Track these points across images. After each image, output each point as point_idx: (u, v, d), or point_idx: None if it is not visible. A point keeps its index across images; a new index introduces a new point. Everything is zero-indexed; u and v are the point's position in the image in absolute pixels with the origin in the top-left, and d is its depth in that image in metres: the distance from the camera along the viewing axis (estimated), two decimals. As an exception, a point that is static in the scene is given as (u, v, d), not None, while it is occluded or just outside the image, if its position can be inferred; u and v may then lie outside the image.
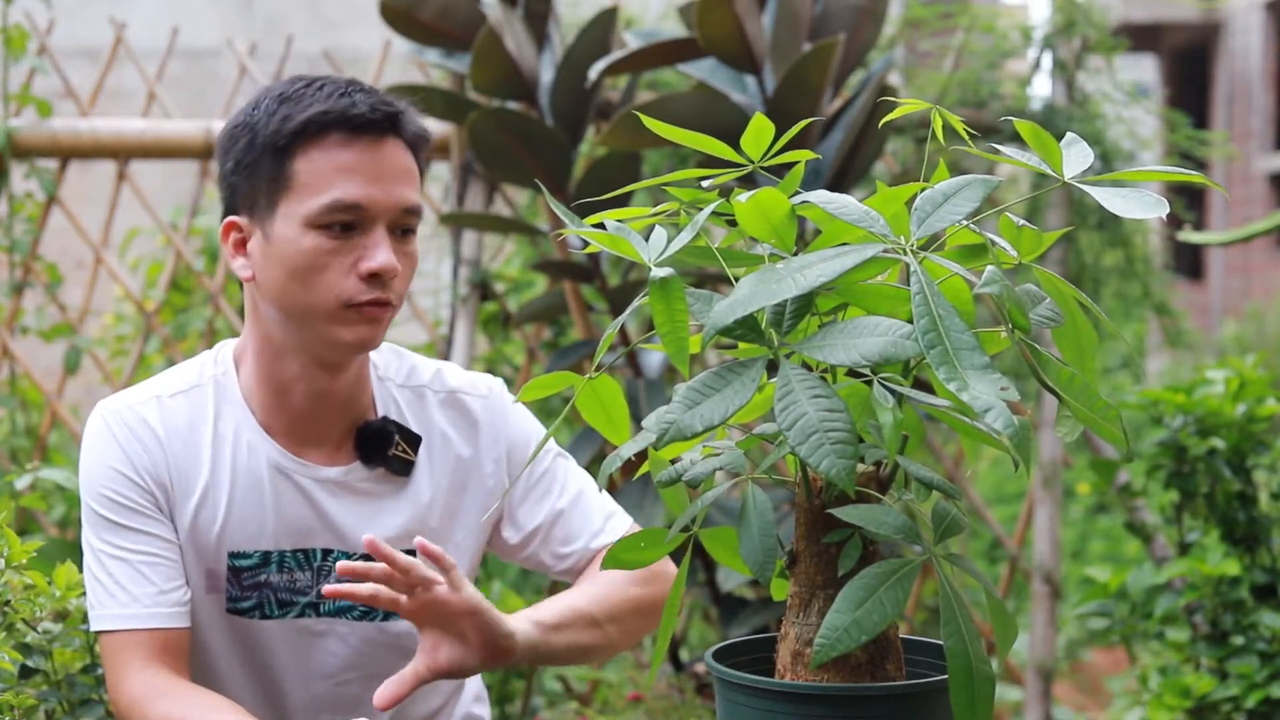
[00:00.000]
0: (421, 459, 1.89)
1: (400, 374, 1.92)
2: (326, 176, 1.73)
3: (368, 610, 1.87)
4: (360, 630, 1.87)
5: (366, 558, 1.85)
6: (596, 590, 1.88)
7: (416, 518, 1.88)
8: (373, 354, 1.91)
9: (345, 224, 1.73)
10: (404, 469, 1.87)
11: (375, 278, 1.74)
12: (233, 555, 1.83)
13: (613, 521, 1.96)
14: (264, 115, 1.76)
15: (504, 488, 1.93)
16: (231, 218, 1.80)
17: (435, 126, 3.41)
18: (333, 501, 1.85)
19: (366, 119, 1.74)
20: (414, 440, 1.87)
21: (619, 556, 1.43)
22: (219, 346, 1.91)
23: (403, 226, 1.77)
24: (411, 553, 1.87)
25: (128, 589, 1.77)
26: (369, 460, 1.86)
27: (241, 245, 1.80)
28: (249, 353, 1.85)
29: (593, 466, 3.20)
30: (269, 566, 1.84)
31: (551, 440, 1.97)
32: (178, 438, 1.83)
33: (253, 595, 1.84)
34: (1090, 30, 3.67)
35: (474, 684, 2.06)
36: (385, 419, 1.87)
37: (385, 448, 1.85)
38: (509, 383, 3.81)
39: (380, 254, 1.73)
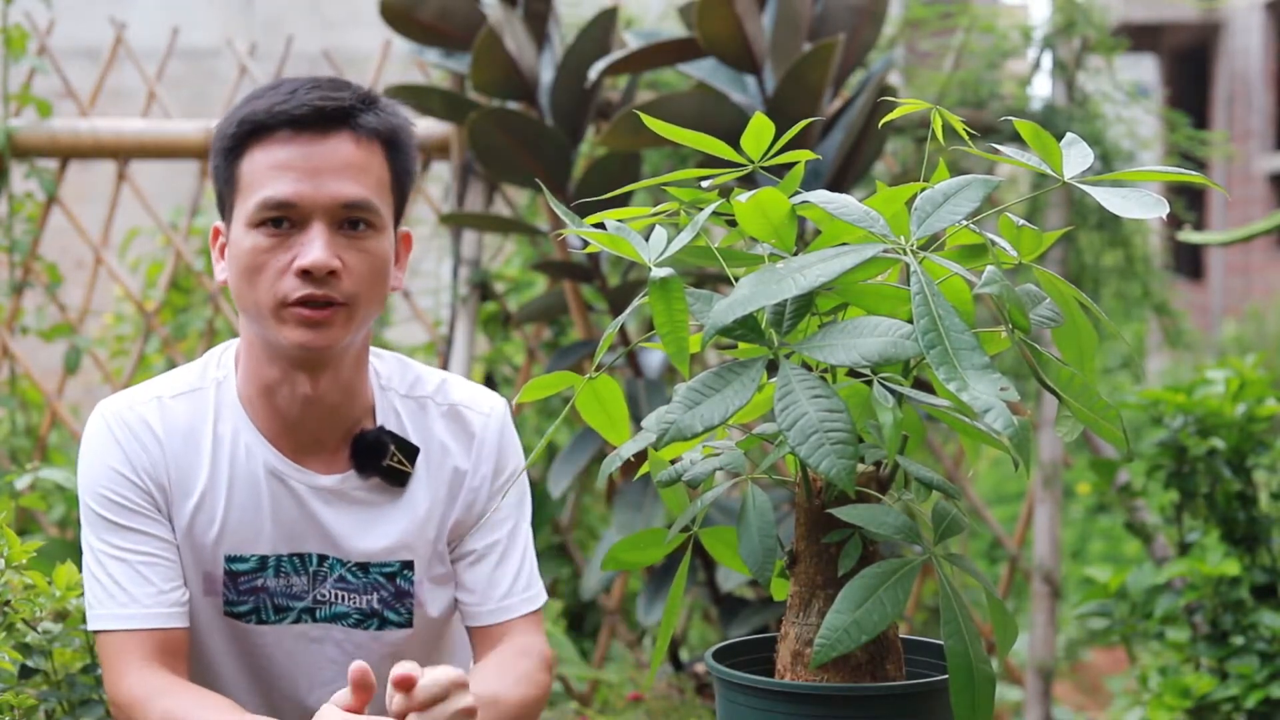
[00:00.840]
0: (420, 470, 1.87)
1: (404, 384, 1.90)
2: (262, 175, 1.73)
3: (362, 618, 1.86)
4: (355, 638, 1.87)
5: (361, 566, 1.85)
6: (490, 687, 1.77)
7: (413, 529, 1.87)
8: (377, 363, 1.90)
9: (278, 220, 1.72)
10: (400, 480, 1.86)
11: (309, 275, 1.72)
12: (229, 559, 1.82)
13: (531, 592, 1.91)
14: (224, 121, 1.78)
15: (479, 504, 1.90)
16: (216, 224, 1.83)
17: (435, 126, 3.41)
18: (327, 509, 1.84)
19: (292, 115, 1.72)
20: (411, 452, 1.86)
21: (619, 556, 1.43)
22: (223, 348, 1.90)
23: (350, 221, 1.74)
24: (408, 564, 1.86)
25: (127, 589, 1.77)
26: (363, 470, 1.85)
27: (223, 250, 1.81)
28: (241, 355, 1.85)
29: (593, 466, 3.20)
30: (266, 571, 1.83)
31: (526, 480, 1.97)
32: (178, 439, 1.82)
33: (249, 600, 1.83)
34: (1090, 30, 3.67)
35: (474, 684, 2.05)
36: (381, 429, 1.85)
37: (379, 458, 1.84)
38: (508, 383, 3.82)
39: (311, 250, 1.71)
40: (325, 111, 1.73)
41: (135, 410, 1.82)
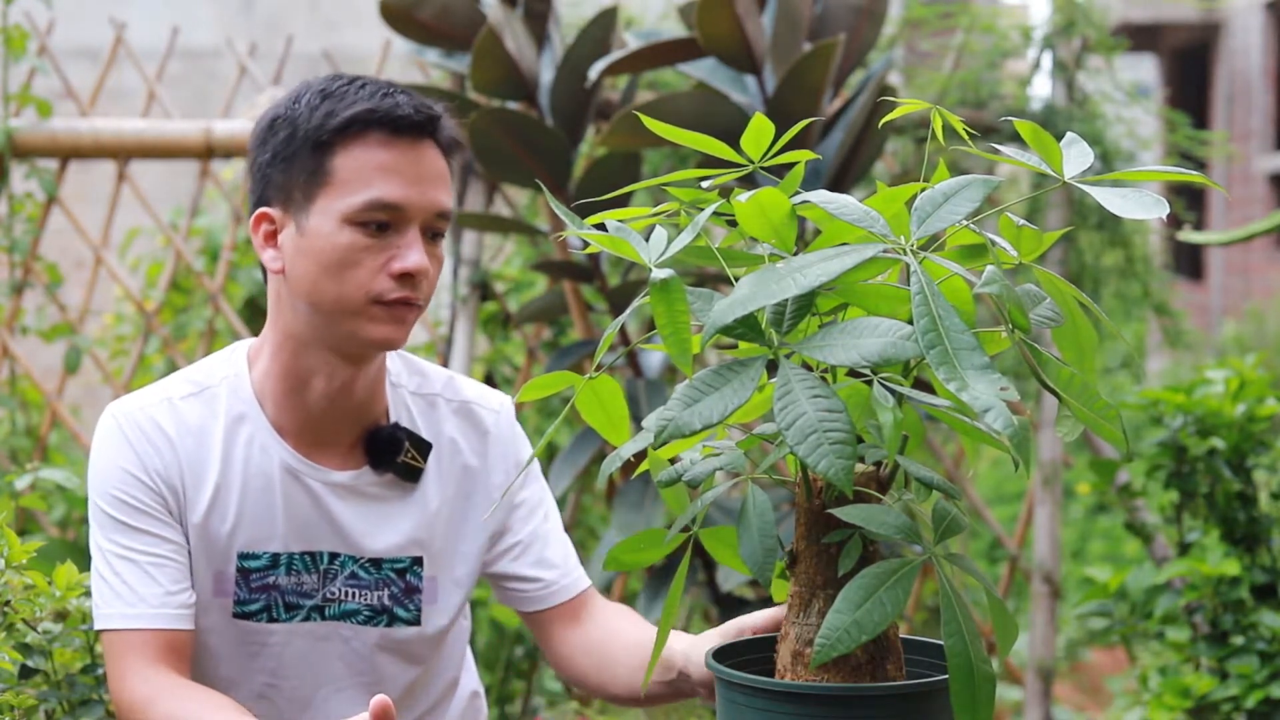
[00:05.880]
0: (430, 467, 1.89)
1: (413, 381, 1.92)
2: (367, 174, 1.74)
3: (372, 615, 1.87)
4: (364, 635, 1.87)
5: (373, 562, 1.86)
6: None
7: (424, 525, 1.88)
8: (386, 361, 1.91)
9: (382, 223, 1.74)
10: (413, 476, 1.87)
11: (406, 277, 1.75)
12: (242, 556, 1.82)
13: (581, 570, 1.99)
14: (305, 109, 1.76)
15: (509, 501, 1.94)
16: (264, 209, 1.80)
17: (435, 126, 3.40)
18: (341, 505, 1.85)
19: (410, 120, 1.75)
20: (424, 447, 1.88)
21: (620, 557, 1.43)
22: (233, 347, 1.91)
23: (433, 229, 1.78)
24: (418, 560, 1.87)
25: (134, 589, 1.77)
26: (378, 466, 1.86)
27: (272, 237, 1.79)
28: (268, 348, 1.85)
29: (593, 466, 3.20)
30: (278, 569, 1.83)
31: (538, 466, 2.02)
32: (190, 439, 1.82)
33: (260, 598, 1.84)
34: (1090, 30, 3.67)
35: (472, 683, 2.06)
36: (396, 425, 1.87)
37: (395, 454, 1.86)
38: (508, 383, 3.82)
39: (413, 255, 1.74)
40: (430, 119, 1.77)
41: (146, 411, 1.83)
